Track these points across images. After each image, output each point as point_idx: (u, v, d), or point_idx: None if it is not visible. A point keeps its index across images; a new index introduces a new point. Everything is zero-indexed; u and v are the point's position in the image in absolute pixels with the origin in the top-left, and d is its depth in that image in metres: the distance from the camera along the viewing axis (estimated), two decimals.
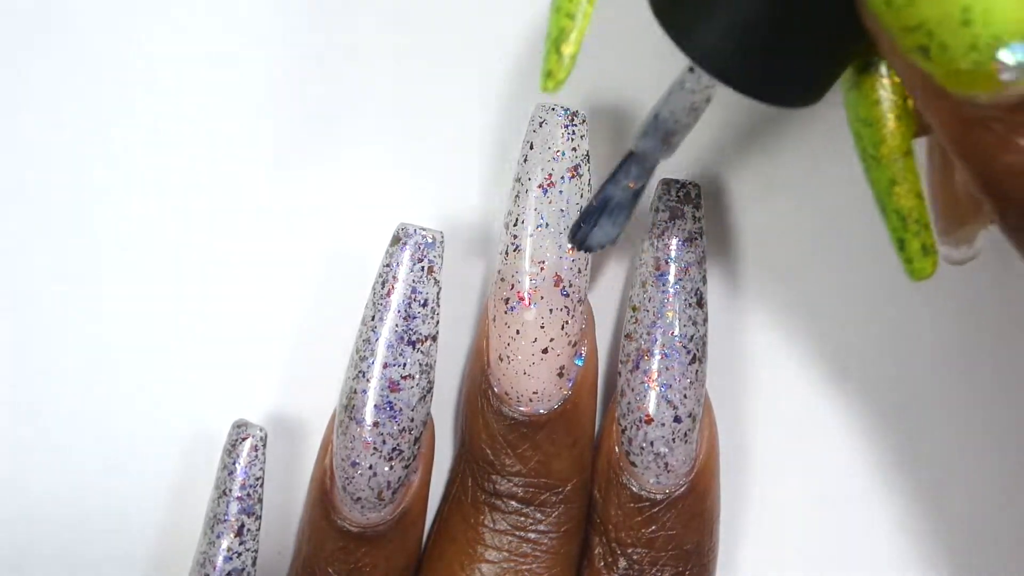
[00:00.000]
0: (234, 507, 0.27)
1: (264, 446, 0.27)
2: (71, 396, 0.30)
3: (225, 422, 0.28)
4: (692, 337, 0.27)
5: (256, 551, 0.27)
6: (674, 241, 0.27)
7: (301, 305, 0.30)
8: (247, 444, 0.27)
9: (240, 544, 0.27)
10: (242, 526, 0.27)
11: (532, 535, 0.28)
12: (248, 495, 0.27)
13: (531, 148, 0.26)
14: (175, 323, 0.30)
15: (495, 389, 0.27)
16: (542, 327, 0.26)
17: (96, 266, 0.30)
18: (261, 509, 0.27)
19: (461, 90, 0.29)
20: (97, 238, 0.30)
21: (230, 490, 0.27)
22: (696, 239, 0.27)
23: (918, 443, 0.30)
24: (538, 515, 0.28)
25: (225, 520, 0.27)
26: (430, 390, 0.27)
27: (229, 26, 0.29)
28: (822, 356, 0.30)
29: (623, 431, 0.27)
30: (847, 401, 0.30)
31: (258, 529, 0.27)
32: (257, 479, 0.27)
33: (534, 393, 0.27)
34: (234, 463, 0.27)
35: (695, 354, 0.27)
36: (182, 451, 0.30)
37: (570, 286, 0.26)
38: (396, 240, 0.26)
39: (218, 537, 0.27)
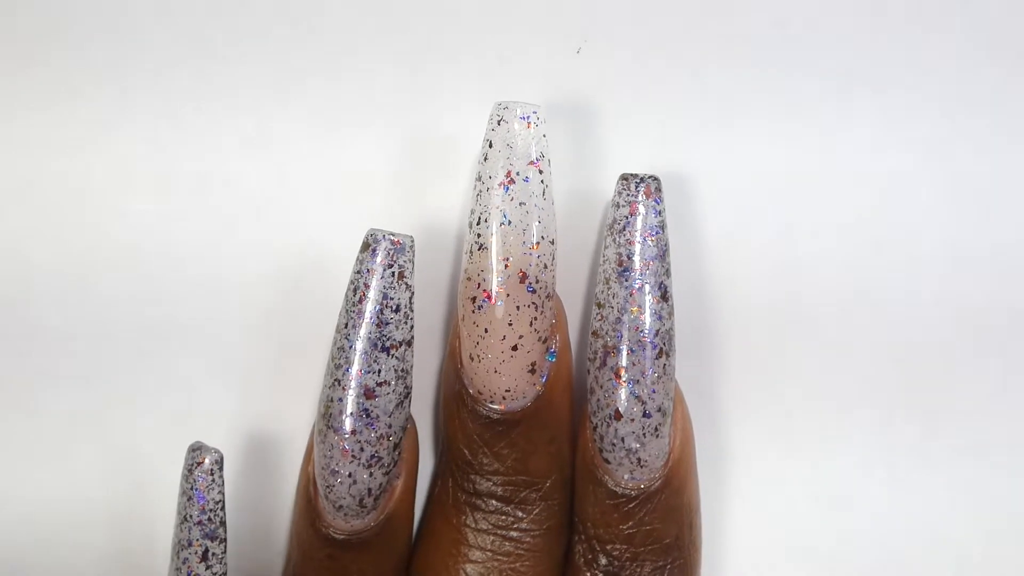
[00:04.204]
0: (196, 532, 0.26)
1: (220, 468, 0.26)
2: (70, 401, 0.30)
3: (213, 429, 0.28)
4: (658, 331, 0.27)
5: (224, 572, 0.26)
6: (636, 236, 0.27)
7: (283, 312, 0.30)
8: (204, 467, 0.26)
9: (207, 568, 0.26)
10: (206, 551, 0.26)
11: (514, 533, 0.27)
12: (209, 519, 0.26)
13: (491, 146, 0.26)
14: (155, 334, 0.30)
15: (468, 389, 0.26)
16: (510, 324, 0.26)
17: (93, 270, 0.30)
18: (225, 531, 0.26)
19: (421, 94, 0.29)
20: (96, 241, 0.30)
21: (191, 515, 0.26)
22: (658, 233, 0.27)
23: (899, 436, 0.30)
24: (519, 513, 0.27)
25: (189, 546, 0.26)
26: (407, 395, 0.26)
27: (224, 25, 0.29)
28: (794, 345, 0.30)
29: (595, 428, 0.27)
30: (822, 392, 0.30)
31: (224, 551, 0.26)
32: (217, 503, 0.26)
33: (507, 391, 0.26)
34: (192, 488, 0.26)
35: (662, 348, 0.27)
36: (171, 461, 0.29)
37: (536, 282, 0.26)
38: (366, 246, 0.26)
39: (184, 563, 0.26)
